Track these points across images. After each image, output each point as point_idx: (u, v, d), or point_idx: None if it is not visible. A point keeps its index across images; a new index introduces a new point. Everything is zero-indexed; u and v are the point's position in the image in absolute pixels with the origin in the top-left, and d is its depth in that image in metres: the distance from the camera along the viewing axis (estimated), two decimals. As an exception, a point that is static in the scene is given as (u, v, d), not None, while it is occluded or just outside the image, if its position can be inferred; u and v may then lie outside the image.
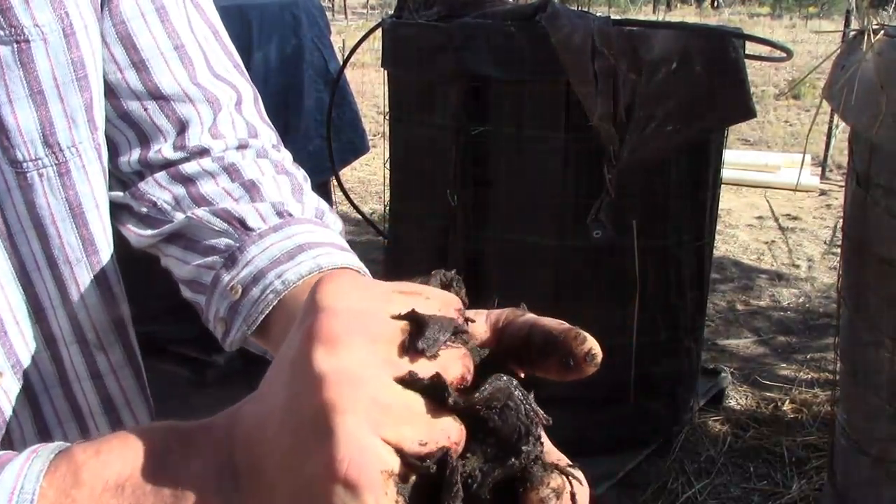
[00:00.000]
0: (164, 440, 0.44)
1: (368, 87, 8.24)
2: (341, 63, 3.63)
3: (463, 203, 2.63)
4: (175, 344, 3.25)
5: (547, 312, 0.45)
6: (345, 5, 17.93)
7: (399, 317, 0.41)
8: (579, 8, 2.96)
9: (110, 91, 0.68)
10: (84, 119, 0.63)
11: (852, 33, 2.01)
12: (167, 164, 0.70)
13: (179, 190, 0.69)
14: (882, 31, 1.83)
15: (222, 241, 0.65)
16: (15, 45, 0.58)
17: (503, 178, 2.61)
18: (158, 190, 0.69)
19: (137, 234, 0.70)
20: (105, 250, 0.67)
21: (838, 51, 2.06)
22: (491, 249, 2.67)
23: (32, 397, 0.66)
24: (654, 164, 2.51)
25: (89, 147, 0.64)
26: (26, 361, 0.64)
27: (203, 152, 0.70)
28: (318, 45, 3.69)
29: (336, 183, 3.84)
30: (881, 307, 1.88)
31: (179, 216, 0.68)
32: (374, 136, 5.68)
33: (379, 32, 3.00)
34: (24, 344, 0.64)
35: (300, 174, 0.73)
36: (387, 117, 3.02)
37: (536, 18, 2.43)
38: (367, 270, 0.66)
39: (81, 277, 0.66)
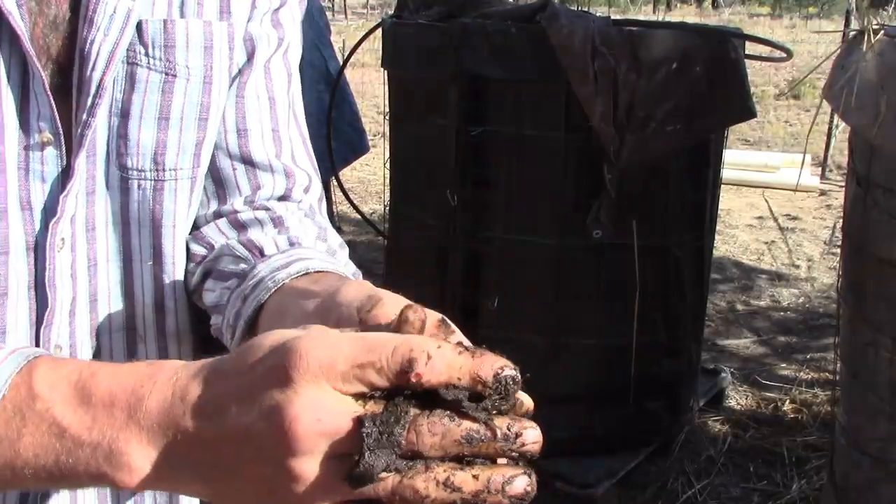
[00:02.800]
0: (112, 390, 0.49)
1: (368, 87, 8.25)
2: (341, 63, 3.63)
3: (463, 203, 2.63)
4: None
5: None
6: (345, 5, 17.94)
7: (356, 422, 0.44)
8: (579, 8, 2.96)
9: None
10: (192, 153, 0.74)
11: (852, 33, 2.01)
12: (232, 214, 0.80)
13: (233, 234, 0.79)
14: (882, 31, 1.83)
15: (241, 266, 0.74)
16: (164, 76, 0.70)
17: (503, 178, 2.61)
18: (216, 234, 0.79)
19: (190, 275, 0.80)
20: (168, 265, 0.76)
21: (838, 51, 2.06)
22: (491, 249, 2.66)
23: None
24: (653, 164, 2.51)
25: (186, 176, 0.75)
26: (79, 344, 0.72)
27: (264, 209, 0.80)
28: (317, 45, 3.69)
29: (336, 183, 3.84)
30: (881, 307, 1.88)
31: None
32: (374, 136, 5.68)
33: (379, 32, 3.00)
34: (80, 328, 0.72)
35: (335, 234, 0.84)
36: (387, 117, 3.02)
37: (536, 19, 2.43)
38: (359, 273, 0.75)
39: (146, 278, 0.76)
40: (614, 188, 2.45)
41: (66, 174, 0.66)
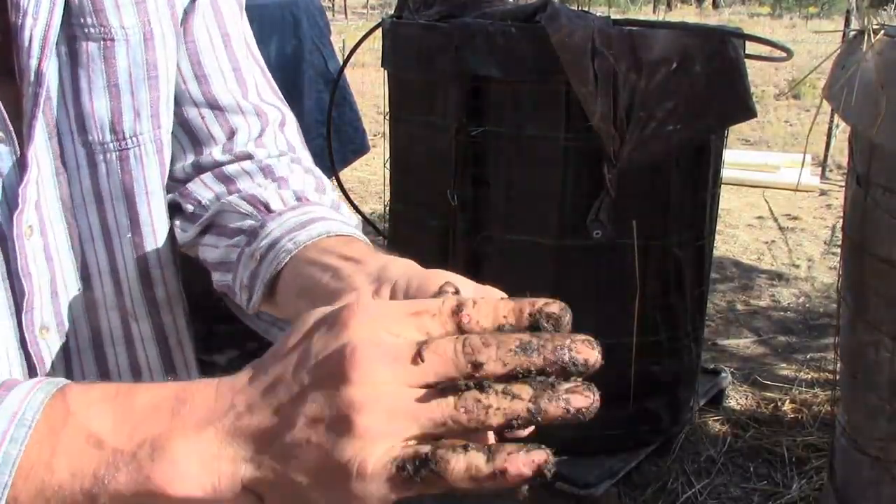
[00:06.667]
0: (153, 399, 0.47)
1: (368, 87, 8.24)
2: (341, 63, 3.63)
3: (463, 203, 2.63)
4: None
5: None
6: (345, 5, 17.93)
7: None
8: (579, 8, 2.96)
9: (174, 99, 0.77)
10: (148, 114, 0.72)
11: (852, 33, 2.01)
12: (216, 166, 0.78)
13: (221, 188, 0.77)
14: (882, 31, 1.83)
15: (247, 223, 0.73)
16: (102, 42, 0.68)
17: (503, 179, 2.61)
18: (203, 189, 0.77)
19: (182, 231, 0.78)
20: (149, 235, 0.75)
21: (838, 51, 2.06)
22: (491, 249, 2.66)
23: (67, 357, 0.74)
24: (654, 163, 2.51)
25: (149, 140, 0.73)
26: (68, 322, 0.73)
27: (247, 157, 0.78)
28: (318, 45, 3.69)
29: (336, 183, 3.84)
30: (881, 307, 1.88)
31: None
32: (374, 136, 5.68)
33: (379, 32, 3.00)
34: (70, 307, 0.72)
35: (325, 179, 0.81)
36: (387, 117, 3.02)
37: (536, 18, 2.43)
38: (369, 242, 0.75)
39: (126, 252, 0.75)
40: (614, 188, 2.45)
41: (21, 165, 0.65)
